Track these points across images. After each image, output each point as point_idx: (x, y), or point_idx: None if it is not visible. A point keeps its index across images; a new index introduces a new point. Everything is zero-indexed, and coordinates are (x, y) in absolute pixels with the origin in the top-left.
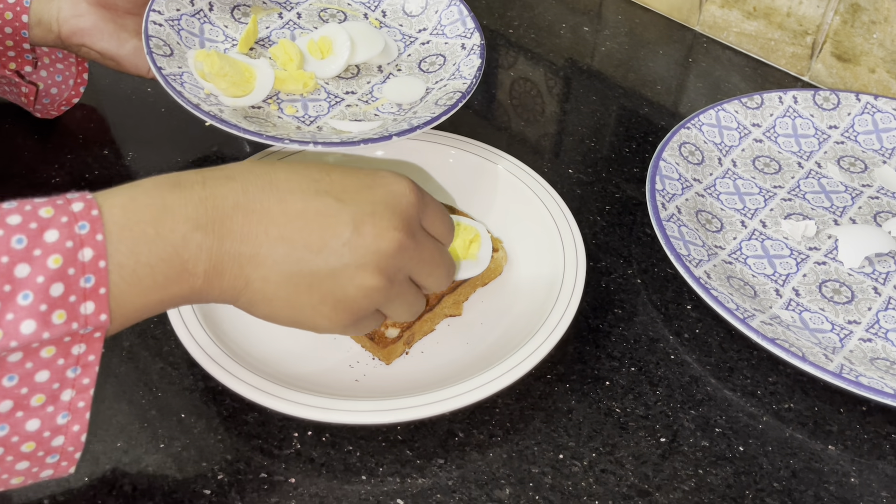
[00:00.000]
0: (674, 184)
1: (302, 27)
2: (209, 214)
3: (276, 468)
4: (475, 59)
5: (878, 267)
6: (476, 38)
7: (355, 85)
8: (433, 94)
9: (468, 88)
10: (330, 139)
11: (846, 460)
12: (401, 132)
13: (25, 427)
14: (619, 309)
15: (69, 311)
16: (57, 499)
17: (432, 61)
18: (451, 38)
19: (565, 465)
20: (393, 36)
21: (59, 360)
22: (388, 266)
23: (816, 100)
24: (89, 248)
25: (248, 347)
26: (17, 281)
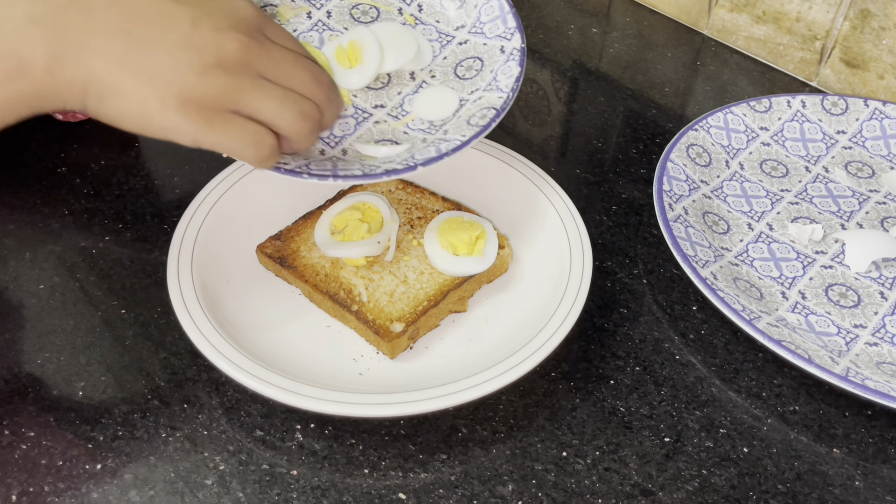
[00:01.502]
0: (681, 185)
1: (331, 28)
2: (45, 9)
3: (279, 460)
4: (514, 67)
5: (884, 272)
6: (517, 41)
7: (385, 97)
8: (466, 108)
9: (503, 104)
10: (352, 171)
11: (851, 464)
12: (427, 161)
13: None
14: (625, 308)
15: None
16: (57, 486)
17: (469, 66)
18: (490, 39)
19: (568, 462)
20: (428, 35)
21: None
22: (230, 60)
23: (825, 104)
24: None
25: (252, 339)
26: None
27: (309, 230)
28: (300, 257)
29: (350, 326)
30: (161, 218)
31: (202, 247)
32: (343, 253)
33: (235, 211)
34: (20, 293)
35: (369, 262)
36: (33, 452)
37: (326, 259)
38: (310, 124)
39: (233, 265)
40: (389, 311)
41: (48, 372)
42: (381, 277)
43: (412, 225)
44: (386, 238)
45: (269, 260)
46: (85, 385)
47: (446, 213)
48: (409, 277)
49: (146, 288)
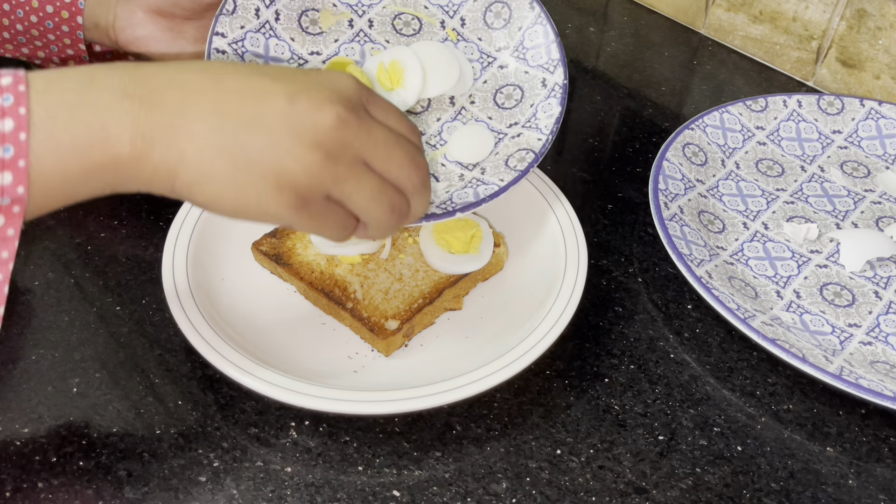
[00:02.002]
0: (677, 184)
1: (373, 41)
2: (139, 87)
3: (273, 457)
4: (554, 106)
5: (879, 271)
6: (559, 75)
7: (424, 123)
8: (504, 144)
9: (542, 148)
10: None
11: (844, 462)
12: (465, 206)
13: None
14: (620, 307)
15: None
16: (51, 482)
17: (509, 94)
18: (532, 68)
19: (563, 460)
20: (469, 53)
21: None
22: (328, 140)
23: (821, 104)
24: (10, 118)
25: (246, 336)
26: None
27: None
28: (295, 255)
29: (345, 324)
30: (157, 214)
31: (197, 244)
32: (338, 250)
33: None
34: (15, 289)
35: (364, 259)
36: (27, 449)
37: (322, 256)
38: (395, 219)
39: (228, 262)
40: (384, 309)
41: (43, 368)
42: (377, 275)
43: None
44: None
45: (265, 257)
46: (79, 381)
47: None
48: (405, 275)
49: (141, 284)
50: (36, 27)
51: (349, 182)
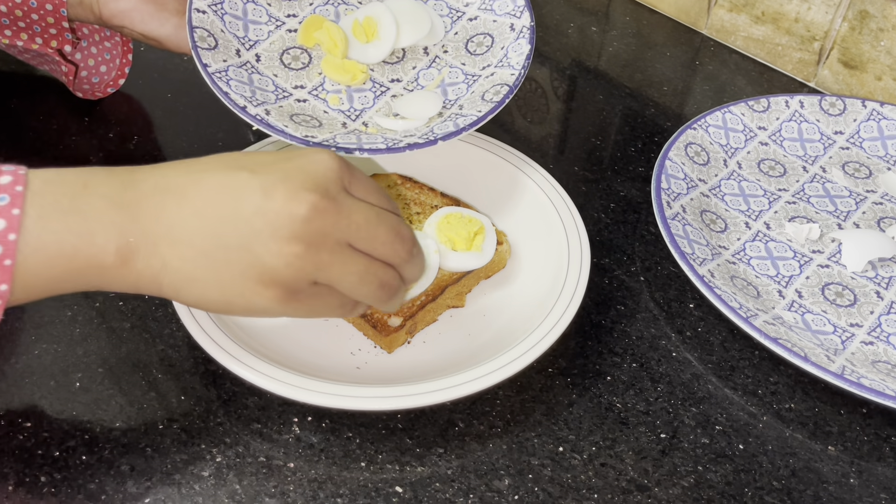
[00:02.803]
0: (679, 183)
1: (346, 2)
2: (127, 195)
3: (275, 452)
4: (524, 45)
5: (881, 271)
6: (526, 19)
7: (401, 71)
8: (479, 83)
9: (516, 81)
10: (376, 145)
11: (846, 461)
12: (446, 135)
13: None
14: (622, 306)
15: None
16: (54, 476)
17: (479, 41)
18: (500, 16)
19: (565, 457)
20: (439, 10)
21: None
22: (307, 231)
23: (823, 105)
24: (3, 219)
25: (249, 332)
26: None
27: None
28: None
29: (348, 320)
30: None
31: None
32: None
33: None
34: None
35: None
36: (30, 443)
37: None
38: (388, 293)
39: None
40: None
41: (45, 362)
42: None
43: (411, 220)
44: None
45: None
46: (82, 376)
47: (445, 209)
48: None
49: None
50: (20, 7)
51: (334, 268)
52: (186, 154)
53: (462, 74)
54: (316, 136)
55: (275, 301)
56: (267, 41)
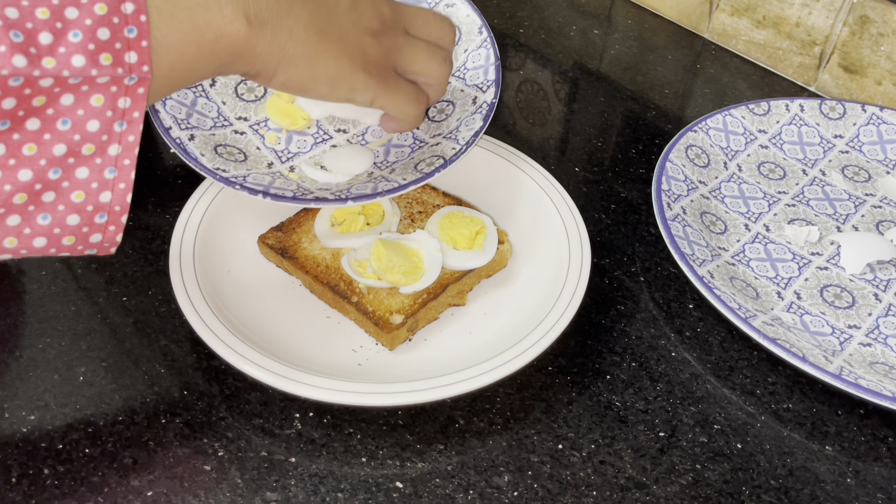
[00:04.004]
0: (679, 185)
1: None
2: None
3: (277, 447)
4: (477, 120)
5: (879, 274)
6: (489, 95)
7: (350, 123)
8: (420, 151)
9: (454, 156)
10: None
11: (843, 461)
12: (359, 196)
13: (76, 174)
14: (622, 305)
15: (115, 56)
16: (57, 469)
17: (441, 108)
18: (468, 87)
19: (564, 455)
20: None
21: (108, 112)
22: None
23: (822, 109)
24: (130, 2)
25: (252, 328)
26: (67, 21)
27: (310, 222)
28: (301, 248)
29: (350, 317)
30: (164, 207)
31: (204, 236)
32: (344, 244)
33: (238, 201)
34: (23, 279)
35: None
36: (33, 436)
37: (327, 250)
38: (449, 70)
39: (234, 255)
40: (389, 303)
41: (49, 357)
42: None
43: (413, 219)
44: (386, 231)
45: (271, 250)
46: (85, 370)
47: (447, 208)
48: None
49: (148, 276)
50: None
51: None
52: None
53: (412, 139)
54: (228, 171)
55: (372, 80)
56: None
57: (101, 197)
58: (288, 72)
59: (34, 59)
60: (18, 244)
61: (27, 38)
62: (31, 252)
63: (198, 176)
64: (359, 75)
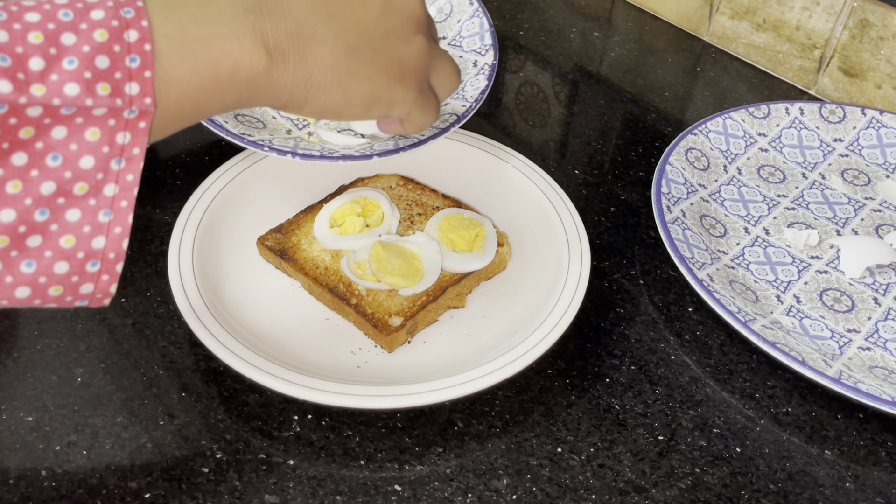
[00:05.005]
0: (679, 188)
1: None
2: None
3: (275, 450)
4: (482, 80)
5: (878, 278)
6: (489, 57)
7: None
8: None
9: (465, 112)
10: (311, 151)
11: (842, 466)
12: (383, 152)
13: (66, 216)
14: (621, 308)
15: (113, 86)
16: (55, 471)
17: None
18: (467, 52)
19: (563, 458)
20: None
21: (104, 148)
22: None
23: (822, 112)
24: (135, 30)
25: (251, 330)
26: (63, 47)
27: (309, 223)
28: (300, 250)
29: (349, 319)
30: (163, 208)
31: (203, 238)
32: (343, 246)
33: (237, 203)
34: None
35: None
36: (31, 437)
37: (326, 252)
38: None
39: (233, 257)
40: (388, 306)
41: (48, 357)
42: None
43: (412, 221)
44: (386, 233)
45: (270, 252)
46: (84, 371)
47: (446, 210)
48: None
49: (146, 277)
50: None
51: (440, 56)
52: None
53: None
54: (253, 136)
55: (413, 90)
56: None
57: (93, 242)
58: (318, 101)
59: (21, 85)
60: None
61: (15, 62)
62: (11, 303)
63: (197, 176)
64: (396, 90)
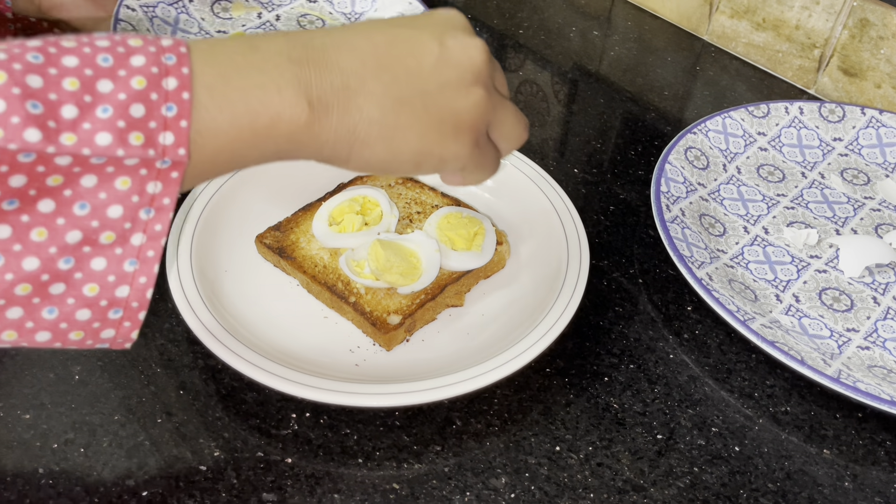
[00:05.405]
0: (678, 187)
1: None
2: (300, 51)
3: (273, 448)
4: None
5: (877, 277)
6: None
7: None
8: None
9: None
10: None
11: (841, 465)
12: None
13: (91, 265)
14: (620, 307)
15: (147, 136)
16: (52, 469)
17: None
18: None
19: (561, 457)
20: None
21: (134, 197)
22: (484, 74)
23: (822, 112)
24: (174, 77)
25: (249, 328)
26: (98, 94)
27: (308, 221)
28: (299, 248)
29: (347, 318)
30: None
31: (202, 235)
32: (342, 244)
33: (235, 201)
34: None
35: None
36: (28, 434)
37: (325, 250)
38: (527, 133)
39: (232, 254)
40: (387, 304)
41: (45, 355)
42: None
43: (411, 219)
44: (385, 231)
45: (268, 250)
46: (81, 369)
47: (445, 209)
48: None
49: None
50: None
51: (501, 109)
52: None
53: None
54: None
55: (466, 143)
56: None
57: (117, 291)
58: (363, 156)
59: (51, 133)
60: (18, 337)
61: (47, 109)
62: (31, 345)
63: None
64: (448, 145)
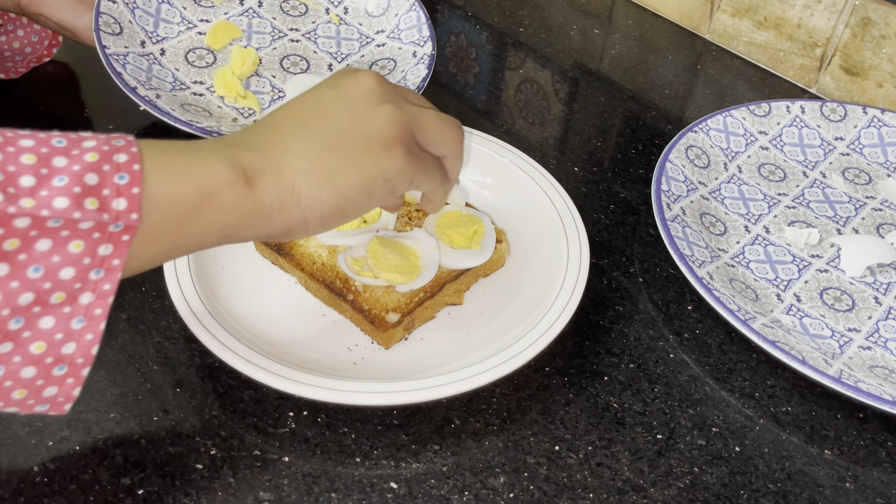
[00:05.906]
0: (679, 185)
1: (261, 16)
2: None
3: (270, 446)
4: (422, 70)
5: (879, 277)
6: (428, 48)
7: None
8: None
9: None
10: None
11: (842, 466)
12: None
13: (39, 324)
14: (620, 306)
15: (101, 201)
16: (47, 466)
17: (383, 65)
18: (406, 45)
19: (561, 456)
20: (351, 34)
21: (85, 259)
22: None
23: (824, 111)
24: (124, 153)
25: (247, 326)
26: (54, 168)
27: None
28: (297, 246)
29: (345, 316)
30: None
31: None
32: (340, 242)
33: None
34: None
35: None
36: (23, 432)
37: (323, 248)
38: (461, 133)
39: (229, 252)
40: (385, 302)
41: None
42: None
43: (410, 217)
44: (383, 229)
45: (266, 247)
46: None
47: (445, 207)
48: None
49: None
50: None
51: (422, 115)
52: None
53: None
54: (201, 122)
55: (402, 157)
56: (175, 39)
57: (63, 349)
58: (314, 206)
59: (11, 197)
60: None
61: (7, 179)
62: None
63: None
64: (384, 162)
